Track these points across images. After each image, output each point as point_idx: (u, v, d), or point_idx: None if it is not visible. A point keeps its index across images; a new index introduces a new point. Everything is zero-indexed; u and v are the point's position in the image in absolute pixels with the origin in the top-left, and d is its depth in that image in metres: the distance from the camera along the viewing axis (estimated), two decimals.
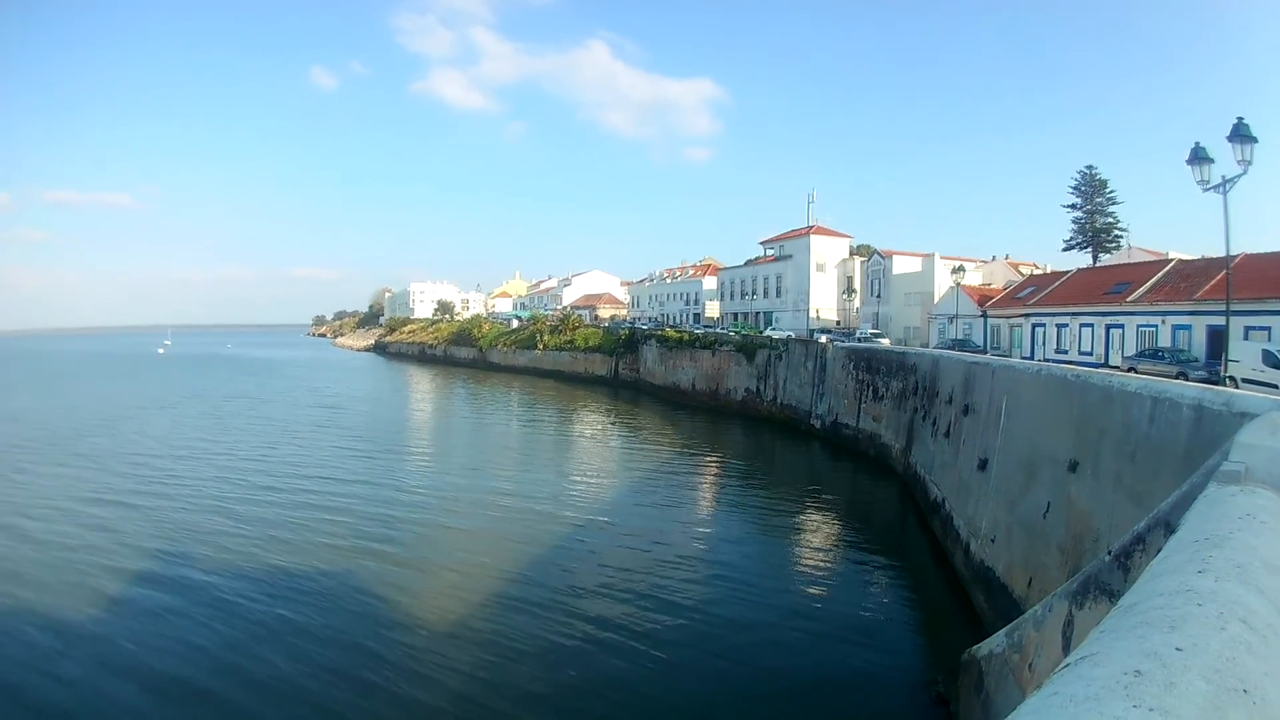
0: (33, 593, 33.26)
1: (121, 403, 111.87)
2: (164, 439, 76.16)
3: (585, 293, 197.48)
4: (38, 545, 40.42)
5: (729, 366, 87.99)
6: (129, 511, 46.47)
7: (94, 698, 23.90)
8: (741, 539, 38.92)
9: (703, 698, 22.39)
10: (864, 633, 26.94)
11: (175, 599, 31.96)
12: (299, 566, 35.16)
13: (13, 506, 48.77)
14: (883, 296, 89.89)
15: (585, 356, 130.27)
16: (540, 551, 36.95)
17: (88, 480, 55.97)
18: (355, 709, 22.56)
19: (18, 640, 28.23)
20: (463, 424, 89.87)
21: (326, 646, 26.94)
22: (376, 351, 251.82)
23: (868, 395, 61.00)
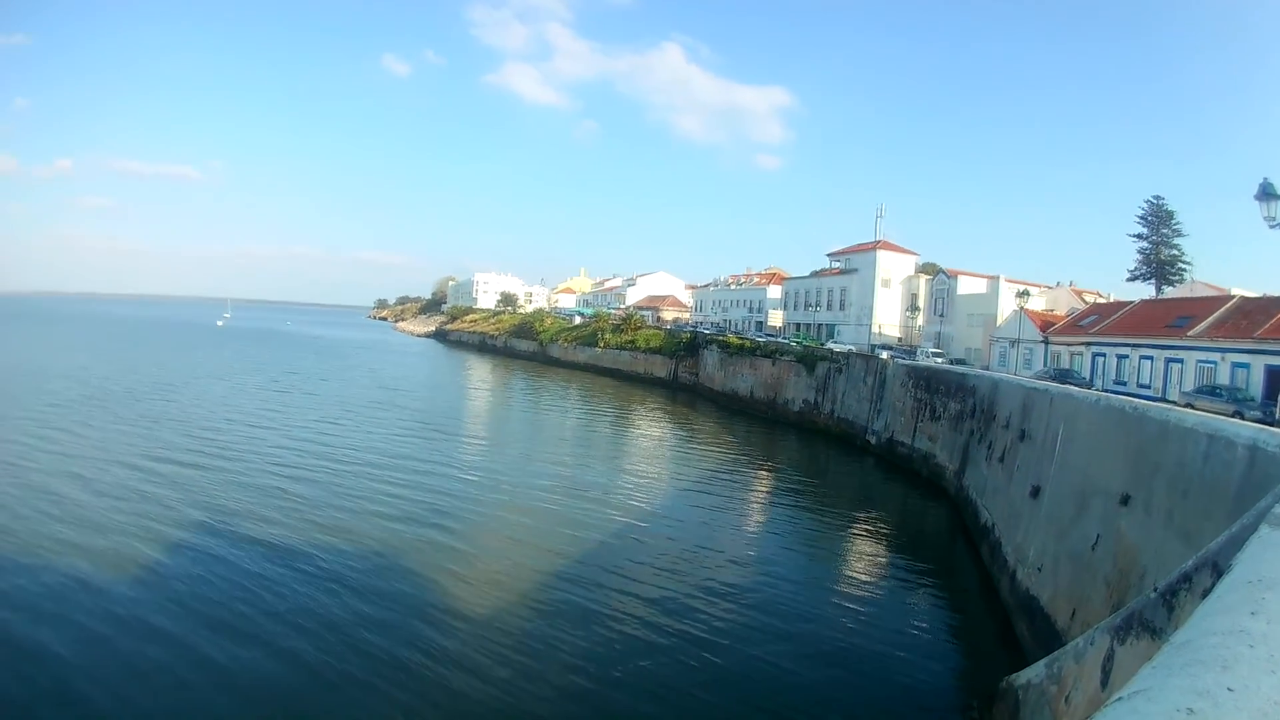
0: (78, 553, 34.32)
1: (180, 370, 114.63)
2: (222, 408, 77.96)
3: (649, 294, 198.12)
4: (85, 504, 41.45)
5: (788, 376, 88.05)
6: (183, 476, 47.76)
7: (133, 662, 24.58)
8: (787, 550, 39.13)
9: (739, 708, 22.59)
10: (904, 653, 26.98)
11: (224, 565, 33.04)
12: (351, 542, 36.12)
13: (64, 464, 50.08)
14: (946, 316, 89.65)
15: (645, 357, 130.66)
16: (588, 545, 37.58)
17: (143, 442, 57.37)
18: (400, 686, 23.31)
19: (58, 598, 29.18)
20: (520, 414, 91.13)
21: (375, 622, 27.74)
22: (437, 338, 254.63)
23: (925, 414, 60.76)
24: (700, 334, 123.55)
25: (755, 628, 28.11)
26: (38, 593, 29.32)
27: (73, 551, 33.81)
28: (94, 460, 51.52)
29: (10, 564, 32.08)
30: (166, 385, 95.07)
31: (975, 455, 47.63)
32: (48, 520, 37.96)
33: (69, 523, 37.88)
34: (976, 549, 38.89)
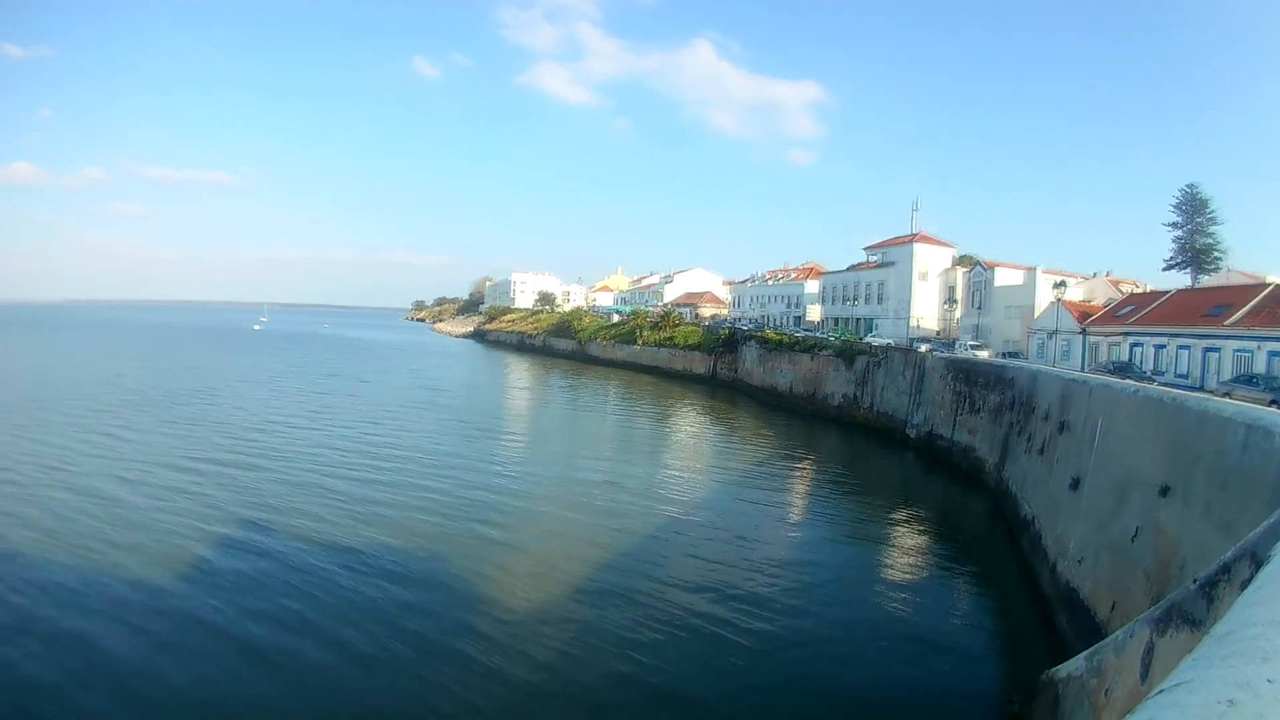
0: (125, 552, 34.99)
1: (217, 374, 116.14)
2: (262, 411, 79.08)
3: (687, 290, 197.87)
4: (131, 505, 42.23)
5: (827, 371, 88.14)
6: (225, 478, 48.75)
7: (185, 655, 25.10)
8: (828, 544, 39.34)
9: (778, 699, 22.83)
10: (944, 646, 26.95)
11: (268, 563, 33.75)
12: (397, 538, 36.84)
13: (108, 466, 51.04)
14: (984, 308, 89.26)
15: (684, 354, 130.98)
16: (631, 539, 38.16)
17: (183, 446, 58.26)
18: (444, 676, 23.82)
19: (108, 597, 29.77)
20: (560, 412, 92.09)
21: (419, 616, 28.29)
22: (475, 339, 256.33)
23: (964, 407, 60.52)
24: (739, 330, 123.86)
25: (797, 619, 28.54)
26: (88, 590, 30.20)
27: (120, 551, 34.85)
28: (137, 462, 52.70)
29: (60, 564, 32.96)
30: (206, 389, 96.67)
31: (1015, 447, 47.44)
32: (95, 521, 39.00)
33: (116, 523, 38.89)
34: (1017, 541, 38.67)
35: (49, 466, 50.57)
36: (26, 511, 40.28)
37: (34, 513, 40.07)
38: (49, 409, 75.19)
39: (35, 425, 65.84)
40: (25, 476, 47.73)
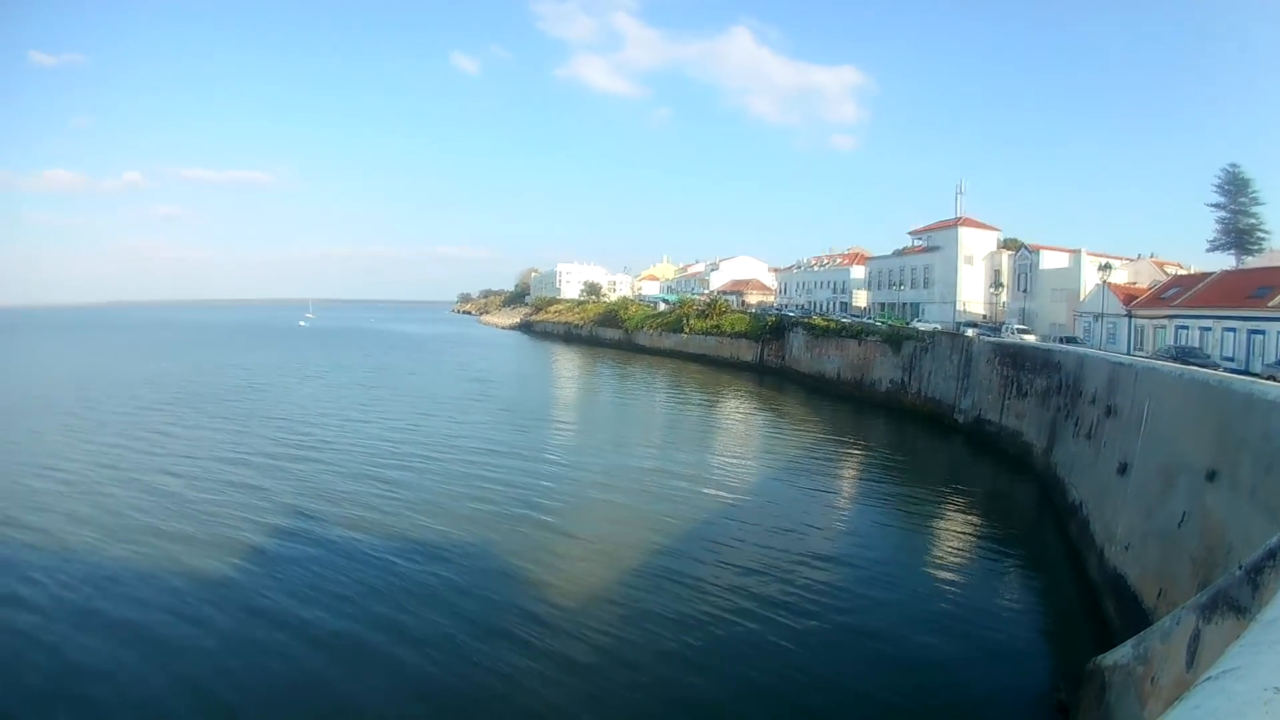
0: (182, 544, 35.97)
1: (265, 371, 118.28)
2: (312, 405, 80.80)
3: (733, 278, 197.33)
4: (186, 499, 43.29)
5: (875, 357, 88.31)
6: (277, 472, 49.93)
7: (245, 644, 25.80)
8: (876, 530, 39.62)
9: (828, 681, 23.24)
10: (992, 632, 27.13)
11: (323, 552, 34.62)
12: (448, 529, 37.56)
13: (161, 462, 52.39)
14: (1030, 292, 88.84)
15: (731, 341, 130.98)
16: (682, 526, 38.75)
17: (233, 442, 59.60)
18: (502, 661, 24.41)
19: (168, 589, 30.49)
20: (608, 402, 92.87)
21: (475, 601, 29.09)
22: (522, 330, 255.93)
23: (1012, 392, 60.26)
24: (786, 317, 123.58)
25: (846, 604, 29.04)
26: (147, 584, 31.20)
27: (177, 543, 35.96)
28: (190, 458, 54.09)
29: (119, 558, 34.11)
30: (254, 385, 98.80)
31: (1062, 432, 47.29)
32: (151, 516, 40.19)
33: (173, 517, 40.04)
34: (1065, 527, 38.59)
35: (103, 464, 52.19)
36: (83, 508, 41.62)
37: (90, 509, 41.39)
38: (97, 408, 77.22)
39: (87, 424, 67.60)
40: (80, 474, 49.30)
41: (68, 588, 30.73)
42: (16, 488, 46.07)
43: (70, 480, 47.85)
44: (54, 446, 58.16)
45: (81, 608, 28.85)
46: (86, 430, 64.82)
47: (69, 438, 61.56)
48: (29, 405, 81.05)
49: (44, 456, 54.67)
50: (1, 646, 25.94)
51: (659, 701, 22.68)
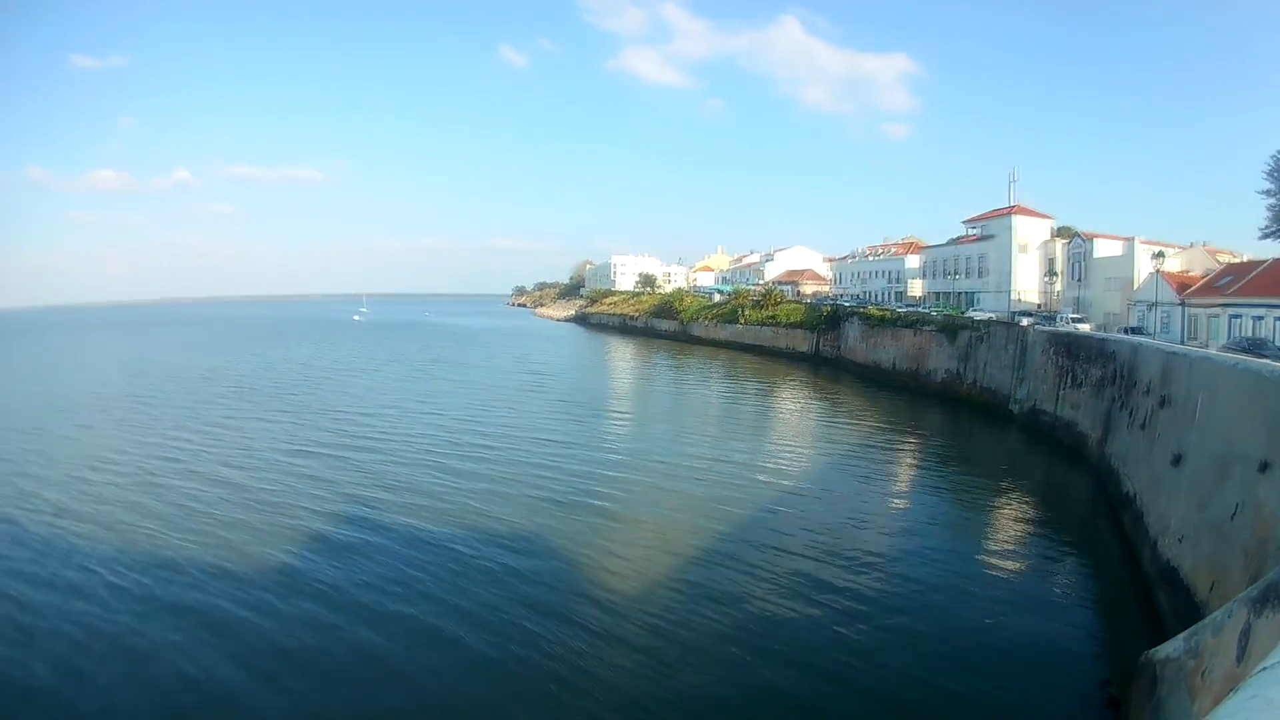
0: (240, 533, 37.10)
1: (321, 365, 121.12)
2: (370, 398, 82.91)
3: (788, 268, 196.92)
4: (243, 490, 44.65)
5: (930, 347, 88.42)
6: (337, 462, 51.29)
7: (305, 627, 26.75)
8: (930, 521, 39.61)
9: (876, 670, 23.51)
10: (1045, 624, 27.16)
11: (384, 540, 35.54)
12: (507, 516, 38.57)
13: (218, 456, 53.86)
14: (1084, 280, 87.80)
15: (787, 332, 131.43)
16: (738, 515, 39.38)
17: (292, 433, 61.49)
18: (560, 644, 25.19)
19: (226, 576, 31.62)
20: (664, 393, 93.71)
21: (535, 587, 29.95)
22: (577, 322, 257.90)
23: (1067, 382, 59.73)
24: (841, 307, 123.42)
25: (899, 596, 29.30)
26: (206, 571, 32.23)
27: (235, 534, 36.99)
28: (248, 450, 55.74)
29: (184, 547, 35.19)
30: (311, 379, 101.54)
31: (1117, 422, 46.98)
32: (209, 506, 41.58)
33: (232, 507, 41.34)
34: (1119, 519, 38.27)
35: (162, 457, 54.10)
36: (144, 499, 43.22)
37: (151, 500, 43.00)
38: (153, 403, 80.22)
39: (143, 419, 70.39)
40: (139, 466, 51.15)
41: (130, 576, 32.03)
42: (76, 480, 47.92)
43: (129, 472, 49.63)
44: (112, 441, 60.20)
45: (143, 595, 30.13)
46: (143, 424, 67.36)
47: (126, 432, 63.87)
48: (85, 400, 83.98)
49: (101, 450, 56.63)
50: (67, 634, 27.02)
51: (714, 681, 23.35)
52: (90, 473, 49.85)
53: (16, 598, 30.17)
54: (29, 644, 26.29)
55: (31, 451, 57.06)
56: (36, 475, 49.70)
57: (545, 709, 21.90)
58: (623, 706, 21.90)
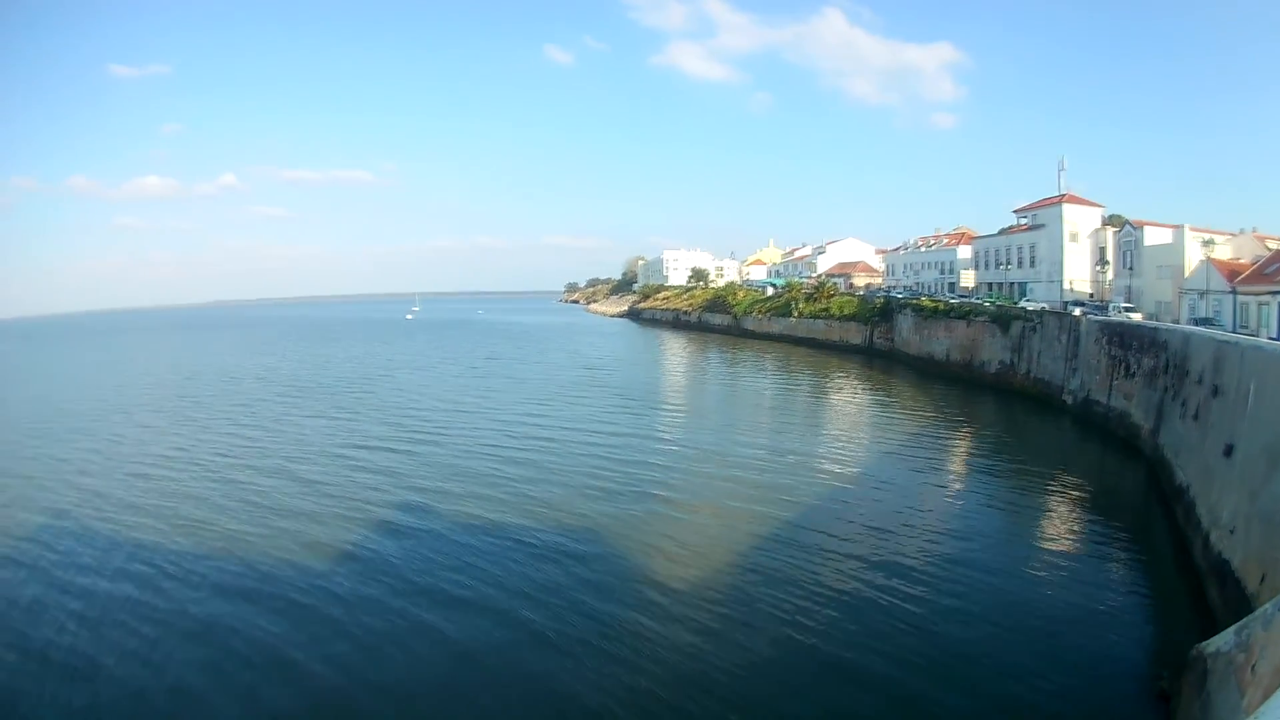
0: (305, 523, 38.56)
1: (376, 363, 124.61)
2: (426, 394, 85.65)
3: (839, 261, 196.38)
4: (306, 482, 46.29)
5: (983, 338, 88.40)
6: (397, 456, 52.83)
7: (380, 614, 27.75)
8: (982, 512, 40.01)
9: (929, 663, 23.68)
10: (1096, 616, 27.14)
11: (451, 529, 36.98)
12: (566, 512, 39.58)
13: (280, 451, 55.88)
14: (1134, 269, 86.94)
15: (840, 325, 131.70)
16: (793, 506, 40.25)
17: (350, 429, 63.77)
18: (619, 626, 26.23)
19: (294, 564, 32.93)
20: (719, 386, 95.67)
21: (593, 570, 31.39)
22: (630, 317, 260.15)
23: (1120, 372, 59.22)
24: (894, 298, 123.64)
25: (950, 586, 29.59)
26: (274, 559, 33.67)
27: (299, 524, 38.55)
28: (308, 445, 57.86)
29: (242, 538, 36.68)
30: (367, 377, 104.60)
31: (1169, 413, 46.63)
32: (273, 499, 43.35)
33: (296, 498, 43.19)
34: (1171, 511, 37.91)
35: (222, 453, 56.25)
36: (214, 495, 45.11)
37: (219, 496, 44.76)
38: (209, 402, 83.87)
39: (201, 416, 73.74)
40: (203, 462, 53.48)
41: (201, 567, 33.50)
42: (140, 478, 50.04)
43: (192, 469, 51.79)
44: (172, 439, 62.74)
45: (218, 585, 31.52)
46: (202, 423, 70.28)
47: (185, 430, 66.70)
48: (141, 401, 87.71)
49: (162, 448, 59.06)
50: (149, 620, 28.39)
51: (774, 657, 24.39)
52: (153, 469, 52.06)
53: (90, 589, 31.80)
54: (100, 634, 27.62)
55: (92, 451, 59.36)
56: (99, 473, 51.77)
57: (609, 686, 22.86)
58: (685, 684, 22.87)
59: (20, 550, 37.29)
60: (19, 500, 46.41)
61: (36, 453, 60.27)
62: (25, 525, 41.37)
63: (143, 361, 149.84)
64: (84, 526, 40.53)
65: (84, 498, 46.01)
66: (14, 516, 43.07)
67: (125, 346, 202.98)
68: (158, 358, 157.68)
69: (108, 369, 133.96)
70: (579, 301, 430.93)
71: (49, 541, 38.40)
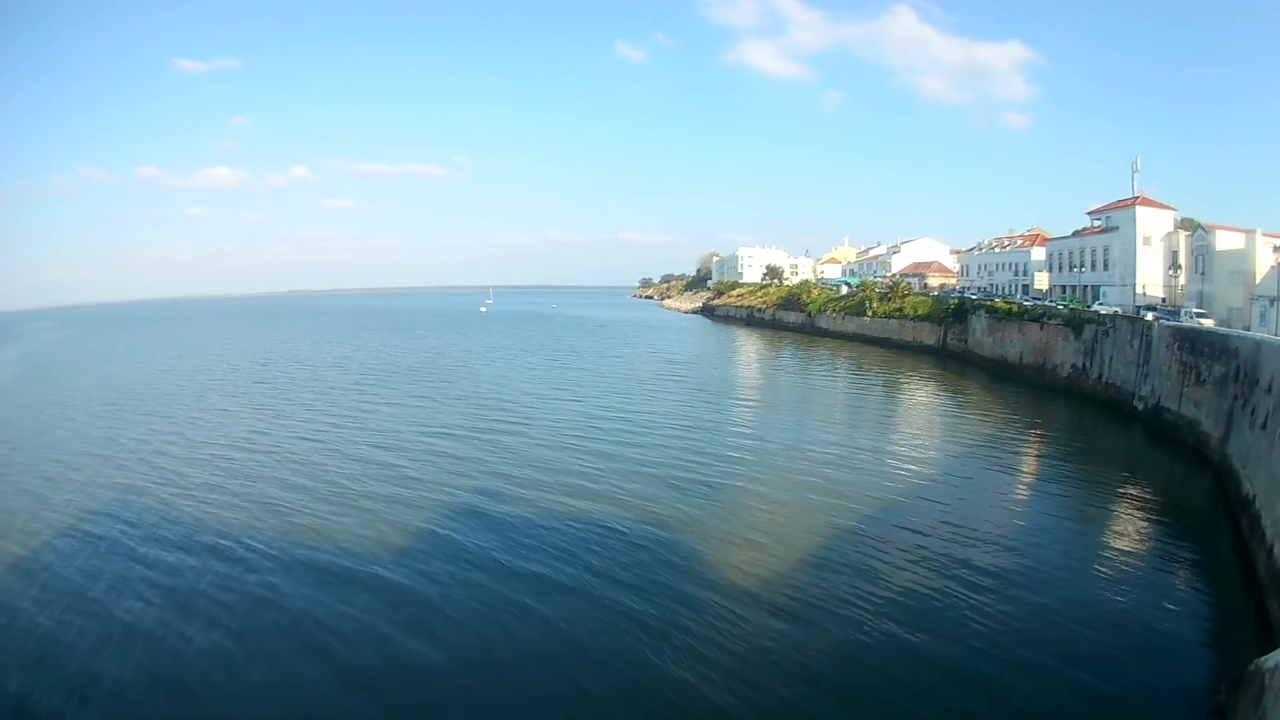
0: (398, 507, 39.92)
1: (455, 353, 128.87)
2: (508, 385, 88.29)
3: (914, 260, 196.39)
4: (393, 469, 47.63)
5: (1056, 341, 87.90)
6: (483, 444, 54.74)
7: (473, 595, 28.91)
8: (1045, 520, 39.97)
9: (990, 672, 23.80)
10: (1155, 627, 27.09)
11: (537, 515, 38.33)
12: (651, 493, 41.83)
13: (364, 437, 57.90)
14: (1206, 274, 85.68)
15: (914, 325, 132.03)
16: (862, 497, 42.15)
17: (434, 417, 65.95)
18: (703, 609, 27.50)
19: (387, 545, 33.99)
20: (793, 383, 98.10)
21: (676, 554, 32.71)
22: (704, 314, 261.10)
23: (1190, 379, 58.49)
24: (967, 299, 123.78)
25: (1011, 594, 29.66)
26: (367, 541, 34.81)
27: (391, 508, 39.85)
28: (393, 432, 59.84)
29: (336, 522, 37.81)
30: (447, 366, 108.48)
31: (1239, 422, 46.04)
32: (362, 484, 44.62)
33: (386, 483, 44.52)
34: (1237, 522, 37.59)
35: (305, 437, 58.71)
36: (301, 479, 46.64)
37: (306, 480, 46.28)
38: (289, 389, 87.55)
39: (281, 402, 76.97)
40: (287, 447, 55.34)
41: (294, 549, 34.59)
42: (223, 460, 52.18)
43: (275, 453, 53.74)
44: (253, 424, 65.57)
45: (305, 561, 32.89)
46: (280, 408, 73.40)
47: (264, 415, 69.58)
48: (218, 386, 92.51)
49: (243, 432, 61.81)
50: (239, 596, 29.69)
51: (848, 642, 25.63)
52: (235, 453, 54.35)
53: (175, 566, 33.20)
54: (188, 609, 28.92)
55: (174, 434, 62.44)
56: (180, 455, 54.17)
57: (701, 669, 23.96)
58: (771, 667, 24.03)
59: (103, 526, 39.10)
60: (100, 479, 48.70)
61: (116, 434, 63.43)
62: (108, 503, 43.24)
63: (215, 348, 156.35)
64: (168, 505, 42.34)
65: (166, 478, 48.24)
66: (96, 495, 45.17)
67: (196, 333, 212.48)
68: (230, 344, 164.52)
69: (178, 357, 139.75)
70: (653, 297, 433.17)
71: (132, 519, 40.12)
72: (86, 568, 33.90)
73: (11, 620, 28.90)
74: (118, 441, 60.66)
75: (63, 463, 53.88)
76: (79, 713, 22.57)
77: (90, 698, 23.31)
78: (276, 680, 24.05)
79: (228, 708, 22.67)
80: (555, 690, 23.33)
